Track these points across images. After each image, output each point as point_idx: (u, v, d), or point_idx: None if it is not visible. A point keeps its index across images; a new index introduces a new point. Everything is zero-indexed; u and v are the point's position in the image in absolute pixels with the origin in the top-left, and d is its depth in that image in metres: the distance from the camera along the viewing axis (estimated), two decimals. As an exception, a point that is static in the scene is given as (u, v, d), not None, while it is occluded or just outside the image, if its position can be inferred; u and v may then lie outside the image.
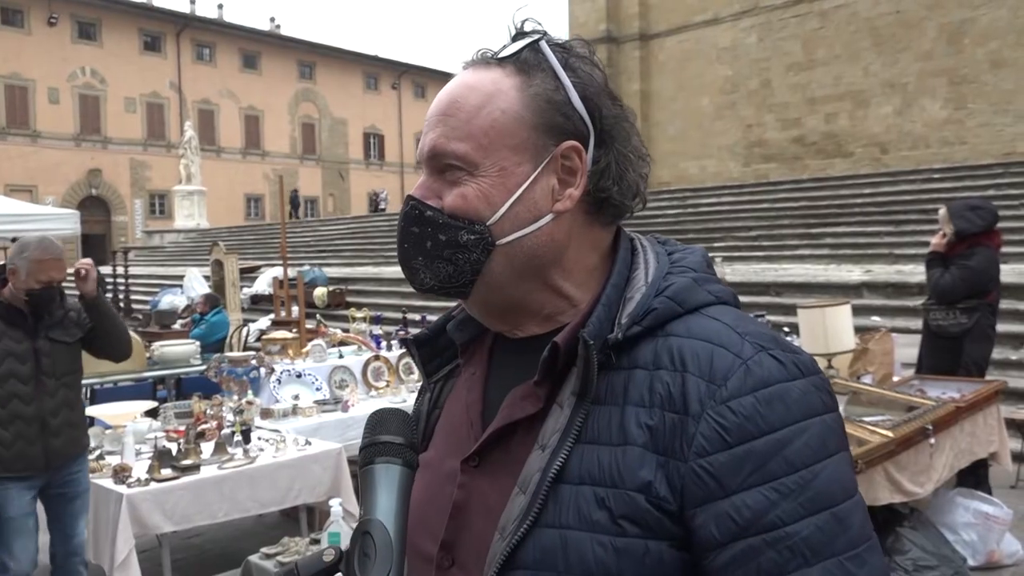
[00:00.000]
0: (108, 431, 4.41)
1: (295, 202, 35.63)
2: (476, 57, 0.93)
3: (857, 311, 5.49)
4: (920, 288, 7.98)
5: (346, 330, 7.21)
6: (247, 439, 4.28)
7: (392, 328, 7.97)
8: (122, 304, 16.28)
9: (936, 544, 3.86)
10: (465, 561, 0.86)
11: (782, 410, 0.76)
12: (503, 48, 0.91)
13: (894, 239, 11.74)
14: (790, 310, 7.39)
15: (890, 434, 3.60)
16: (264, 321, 11.78)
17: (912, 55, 18.28)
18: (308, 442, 4.43)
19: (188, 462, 3.89)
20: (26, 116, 34.23)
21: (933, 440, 3.85)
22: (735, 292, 0.93)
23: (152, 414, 4.99)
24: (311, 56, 44.10)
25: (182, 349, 7.45)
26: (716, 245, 12.61)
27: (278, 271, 11.31)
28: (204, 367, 6.62)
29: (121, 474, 3.75)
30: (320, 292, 14.17)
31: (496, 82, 0.88)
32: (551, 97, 0.87)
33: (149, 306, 14.24)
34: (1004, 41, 17.00)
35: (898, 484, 3.64)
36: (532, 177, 0.87)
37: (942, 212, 5.33)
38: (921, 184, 13.96)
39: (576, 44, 0.92)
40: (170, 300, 13.99)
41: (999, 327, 5.53)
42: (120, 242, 31.66)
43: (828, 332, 4.54)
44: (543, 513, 0.80)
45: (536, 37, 0.90)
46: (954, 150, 17.38)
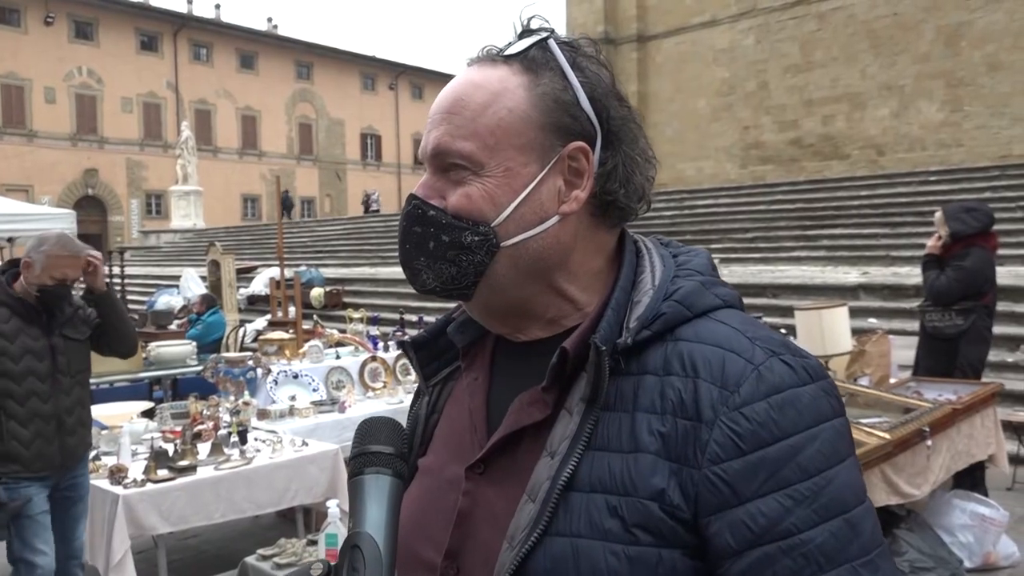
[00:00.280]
0: (104, 431, 4.39)
1: (287, 203, 35.25)
2: (482, 54, 0.90)
3: (854, 313, 5.51)
4: (917, 290, 8.00)
5: (343, 331, 7.20)
6: (244, 440, 4.27)
7: (389, 329, 7.97)
8: (119, 304, 16.22)
9: (933, 546, 3.87)
10: (471, 570, 0.84)
11: (794, 415, 0.76)
12: (509, 45, 0.89)
13: (891, 241, 11.76)
14: (787, 312, 7.40)
15: (887, 436, 3.61)
16: (261, 322, 11.77)
17: (909, 57, 18.33)
18: (305, 443, 4.42)
19: (184, 463, 3.87)
20: (22, 115, 34.16)
21: (930, 442, 3.86)
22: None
23: (148, 415, 4.97)
24: (308, 56, 44.06)
25: (178, 350, 7.42)
26: (713, 247, 12.60)
27: (275, 271, 11.30)
28: (200, 368, 6.60)
29: (117, 475, 3.74)
30: (317, 293, 14.16)
31: (503, 80, 0.86)
32: (559, 97, 0.85)
33: (145, 306, 14.19)
34: (1001, 44, 17.06)
35: (895, 486, 3.64)
36: (539, 178, 0.85)
37: (938, 215, 5.35)
38: (918, 186, 13.99)
39: (584, 43, 0.90)
40: (166, 300, 13.96)
41: (995, 329, 5.54)
42: (116, 242, 31.59)
43: (825, 334, 4.55)
44: (553, 522, 0.78)
45: (544, 35, 0.88)
46: (951, 152, 17.43)
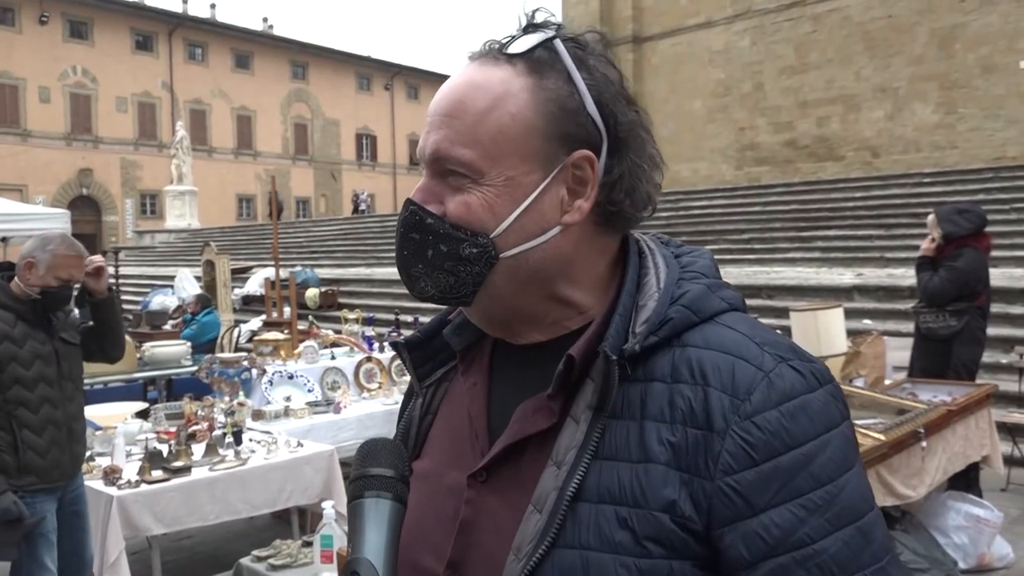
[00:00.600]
0: (98, 432, 4.37)
1: (277, 205, 35.06)
2: (484, 49, 0.85)
3: (849, 314, 5.51)
4: (911, 291, 8.01)
5: (338, 331, 7.18)
6: (238, 441, 4.25)
7: (384, 329, 7.96)
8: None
9: (927, 547, 3.88)
10: None
11: (806, 423, 0.75)
12: (513, 41, 0.84)
13: (885, 242, 11.79)
14: (782, 313, 7.42)
15: (882, 437, 3.61)
16: (256, 322, 11.77)
17: (904, 60, 18.38)
18: (300, 444, 4.40)
19: (179, 464, 3.86)
20: (16, 115, 34.02)
21: (925, 443, 3.87)
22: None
23: (143, 415, 4.95)
24: (304, 56, 43.97)
25: (173, 350, 7.40)
26: (708, 248, 12.57)
27: (270, 272, 11.27)
28: (195, 368, 6.58)
29: (111, 476, 3.72)
30: (312, 293, 14.13)
31: (505, 82, 0.82)
32: (564, 103, 0.81)
33: (140, 306, 14.15)
34: (995, 46, 17.11)
35: (890, 487, 3.65)
36: (541, 188, 0.82)
37: (930, 217, 5.37)
38: (912, 188, 14.03)
39: (591, 39, 0.85)
40: (161, 300, 13.91)
41: (989, 331, 5.56)
42: (111, 242, 31.48)
43: (820, 335, 4.56)
44: (561, 533, 0.76)
45: (550, 34, 0.83)
46: (945, 154, 17.48)
